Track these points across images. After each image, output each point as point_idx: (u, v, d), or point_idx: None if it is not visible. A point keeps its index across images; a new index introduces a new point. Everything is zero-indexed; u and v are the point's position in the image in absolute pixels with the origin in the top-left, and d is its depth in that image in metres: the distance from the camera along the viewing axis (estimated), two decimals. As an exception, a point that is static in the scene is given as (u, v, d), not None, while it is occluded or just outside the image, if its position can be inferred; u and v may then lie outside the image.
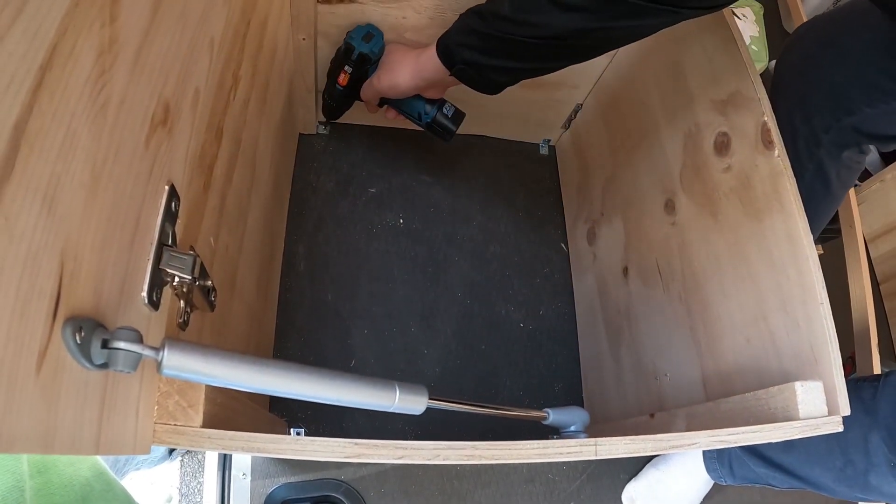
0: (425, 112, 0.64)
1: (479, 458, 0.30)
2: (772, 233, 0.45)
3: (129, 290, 0.24)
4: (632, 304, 0.65)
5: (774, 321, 0.44)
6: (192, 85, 0.31)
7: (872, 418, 0.53)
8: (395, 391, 0.26)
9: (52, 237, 0.18)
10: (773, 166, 0.45)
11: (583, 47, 0.47)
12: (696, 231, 0.53)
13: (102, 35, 0.22)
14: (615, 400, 0.68)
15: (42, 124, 0.18)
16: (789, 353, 0.43)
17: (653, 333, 0.61)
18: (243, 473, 0.64)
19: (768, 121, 0.45)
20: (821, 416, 0.40)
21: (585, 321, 0.77)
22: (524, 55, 0.48)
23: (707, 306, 0.52)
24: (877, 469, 0.53)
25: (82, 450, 0.20)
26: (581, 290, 0.79)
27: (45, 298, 0.18)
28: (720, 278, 0.50)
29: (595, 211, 0.75)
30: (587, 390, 0.75)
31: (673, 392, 0.57)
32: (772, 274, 0.45)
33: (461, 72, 0.52)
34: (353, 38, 0.60)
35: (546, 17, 0.43)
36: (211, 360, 0.21)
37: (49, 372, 0.18)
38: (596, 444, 0.32)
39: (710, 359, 0.51)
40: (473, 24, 0.49)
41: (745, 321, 0.47)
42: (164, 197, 0.28)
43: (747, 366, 0.47)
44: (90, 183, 0.21)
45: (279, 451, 0.28)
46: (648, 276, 0.62)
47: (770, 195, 0.45)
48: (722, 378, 0.50)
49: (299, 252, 0.74)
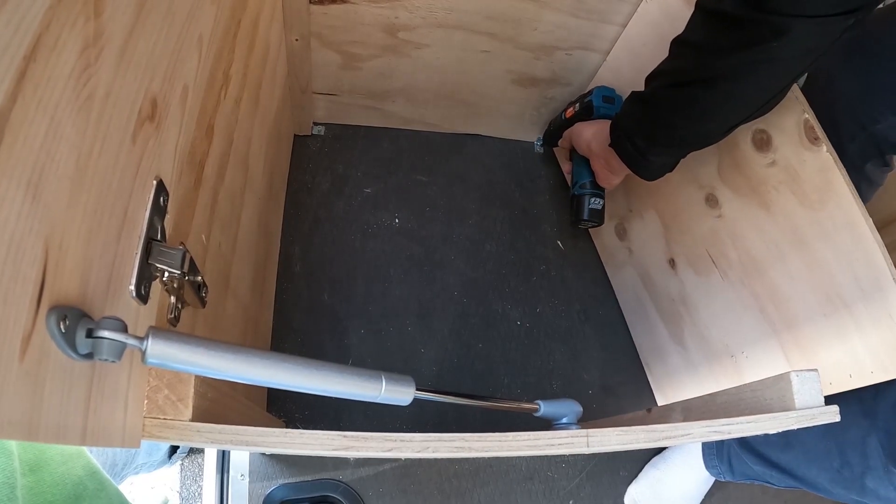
0: (580, 185, 0.71)
1: (469, 450, 0.30)
2: (831, 223, 0.47)
3: (116, 282, 0.25)
4: (686, 292, 0.68)
5: (849, 297, 0.46)
6: (181, 81, 0.32)
7: (871, 421, 0.53)
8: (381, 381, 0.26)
9: (36, 224, 0.18)
10: (822, 161, 0.46)
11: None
12: (747, 222, 0.56)
13: (87, 29, 0.22)
14: (689, 383, 0.70)
15: (26, 114, 0.18)
16: (869, 324, 0.45)
17: (718, 316, 0.63)
18: (241, 475, 0.64)
19: (810, 118, 0.47)
20: (817, 406, 0.39)
21: (635, 312, 0.79)
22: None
23: (774, 289, 0.54)
24: (873, 472, 0.53)
25: (68, 439, 0.20)
26: (622, 284, 0.81)
27: (29, 284, 0.18)
28: (783, 264, 0.53)
29: (621, 208, 0.76)
30: (653, 378, 0.78)
31: (753, 367, 0.59)
32: (838, 258, 0.47)
33: (617, 141, 0.56)
34: (595, 95, 0.69)
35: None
36: (195, 350, 0.22)
37: (33, 359, 0.18)
38: (587, 435, 0.32)
39: (789, 335, 0.54)
40: (637, 110, 0.53)
41: (818, 301, 0.50)
42: (152, 191, 0.28)
43: (829, 337, 0.49)
44: (75, 174, 0.21)
45: (268, 444, 0.28)
46: (700, 265, 0.64)
47: (822, 188, 0.47)
48: (804, 350, 0.53)
49: (295, 252, 0.74)
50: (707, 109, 0.47)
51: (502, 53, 0.70)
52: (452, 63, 0.71)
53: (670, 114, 0.49)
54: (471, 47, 0.68)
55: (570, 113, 0.73)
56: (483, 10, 0.63)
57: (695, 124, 0.49)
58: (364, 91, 0.75)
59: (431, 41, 0.67)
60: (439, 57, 0.69)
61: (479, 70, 0.73)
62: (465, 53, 0.69)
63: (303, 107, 0.75)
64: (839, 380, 0.50)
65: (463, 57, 0.70)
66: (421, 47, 0.67)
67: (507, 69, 0.73)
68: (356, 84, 0.73)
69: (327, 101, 0.77)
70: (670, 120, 0.49)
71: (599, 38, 0.69)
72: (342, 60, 0.69)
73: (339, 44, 0.66)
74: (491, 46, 0.69)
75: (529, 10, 0.64)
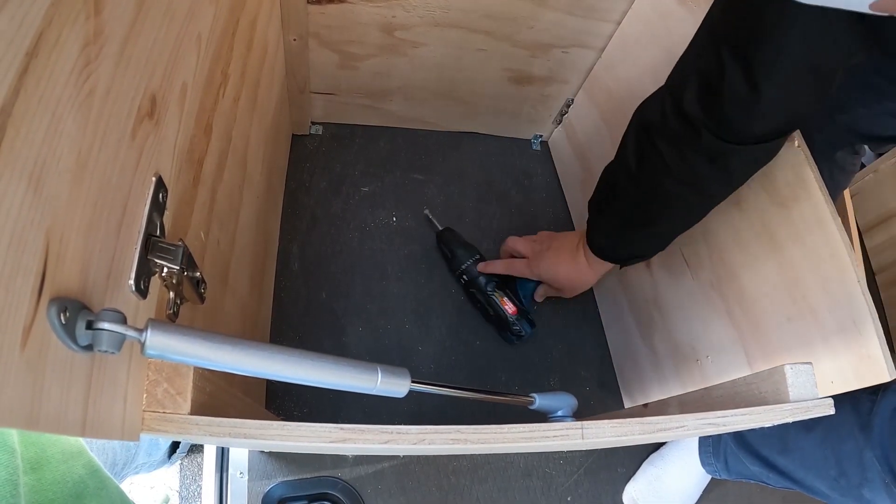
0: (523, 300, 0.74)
1: (465, 441, 0.30)
2: (801, 219, 0.46)
3: (116, 276, 0.25)
4: (659, 294, 0.67)
5: (814, 300, 0.46)
6: (180, 79, 0.32)
7: (867, 435, 0.53)
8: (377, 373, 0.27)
9: (37, 216, 0.18)
10: (793, 156, 0.46)
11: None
12: (720, 221, 0.55)
13: (87, 26, 0.22)
14: (655, 386, 0.69)
15: (28, 108, 0.18)
16: (833, 329, 0.44)
17: (687, 319, 0.63)
18: (240, 472, 0.64)
19: None
20: (811, 399, 0.40)
21: (610, 313, 0.79)
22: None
23: (742, 290, 0.54)
24: (871, 484, 0.53)
25: (68, 429, 0.21)
26: (601, 284, 0.80)
27: (31, 276, 0.18)
28: (752, 263, 0.52)
29: None
30: (623, 379, 0.77)
31: (717, 372, 0.59)
32: (806, 257, 0.46)
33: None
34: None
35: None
36: (194, 341, 0.22)
37: (34, 349, 0.18)
38: (582, 427, 0.33)
39: (753, 340, 0.53)
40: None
41: (783, 302, 0.49)
42: (151, 187, 0.28)
43: (792, 343, 0.49)
44: (76, 168, 0.21)
45: (266, 436, 0.28)
46: (674, 265, 0.64)
47: (794, 184, 0.46)
48: (767, 356, 0.52)
49: (293, 251, 0.74)
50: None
51: (499, 52, 0.70)
52: (449, 61, 0.71)
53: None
54: (467, 46, 0.69)
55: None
56: (479, 8, 0.63)
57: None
58: (361, 90, 0.76)
59: (428, 40, 0.67)
60: (436, 56, 0.70)
61: (476, 68, 0.73)
62: (461, 52, 0.70)
63: (300, 106, 0.75)
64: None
65: (460, 55, 0.70)
66: (418, 46, 0.68)
67: (504, 67, 0.74)
68: (354, 83, 0.74)
69: (325, 100, 0.77)
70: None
71: (595, 35, 0.69)
72: (340, 60, 0.69)
73: (337, 43, 0.66)
74: (487, 45, 0.69)
75: (526, 8, 0.64)
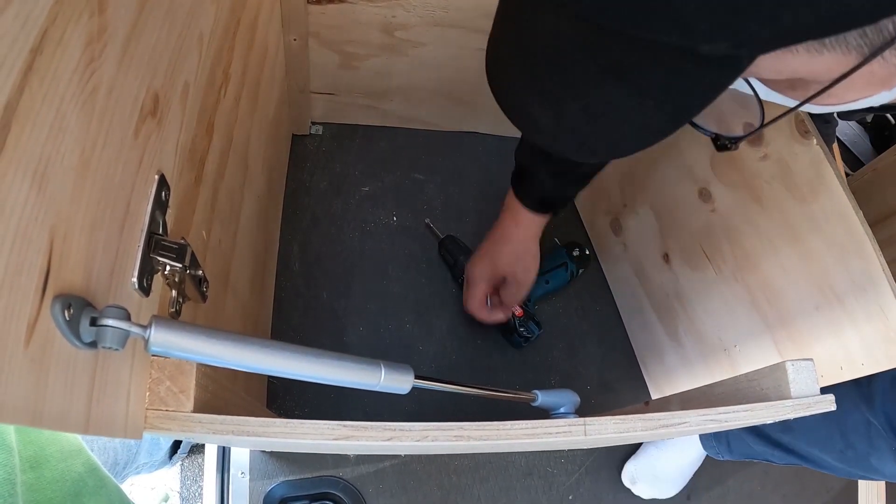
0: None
1: (467, 438, 0.30)
2: (822, 214, 0.47)
3: (119, 274, 0.25)
4: (681, 287, 0.68)
5: (841, 289, 0.47)
6: (182, 79, 0.32)
7: (869, 405, 0.54)
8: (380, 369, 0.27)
9: (41, 214, 0.19)
10: (813, 154, 0.47)
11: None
12: (741, 216, 0.57)
13: (91, 25, 0.22)
14: (684, 377, 0.71)
15: (32, 106, 0.18)
16: (861, 315, 0.46)
17: (712, 311, 0.64)
18: (242, 472, 0.64)
19: (801, 112, 0.48)
20: (812, 395, 0.40)
21: (630, 308, 0.79)
22: None
23: (767, 283, 0.55)
24: (878, 452, 0.54)
25: (71, 427, 0.21)
26: (617, 279, 0.81)
27: (35, 272, 0.18)
28: (777, 257, 0.53)
29: (615, 203, 0.77)
30: (648, 374, 0.78)
31: (746, 360, 0.60)
32: (830, 250, 0.48)
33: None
34: None
35: None
36: (197, 337, 0.22)
37: (38, 346, 0.18)
38: (585, 423, 0.33)
39: (781, 328, 0.55)
40: None
41: (810, 292, 0.50)
42: (154, 186, 0.28)
43: (823, 331, 0.50)
44: (79, 166, 0.21)
45: (269, 434, 0.28)
46: (695, 260, 0.65)
47: (814, 180, 0.47)
48: (797, 344, 0.53)
49: (294, 251, 0.74)
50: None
51: (499, 52, 0.70)
52: (449, 61, 0.71)
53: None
54: (467, 45, 0.69)
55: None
56: (479, 7, 0.63)
57: None
58: (362, 90, 0.76)
59: (428, 40, 0.67)
60: (436, 55, 0.70)
61: (476, 68, 0.73)
62: (461, 51, 0.70)
63: (301, 106, 0.75)
64: (830, 372, 0.50)
65: (460, 55, 0.70)
66: (418, 46, 0.68)
67: (504, 68, 0.74)
68: (354, 83, 0.74)
69: (325, 100, 0.77)
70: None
71: (595, 36, 0.69)
72: (340, 60, 0.69)
73: (337, 43, 0.66)
74: (487, 45, 0.69)
75: (525, 8, 0.64)
